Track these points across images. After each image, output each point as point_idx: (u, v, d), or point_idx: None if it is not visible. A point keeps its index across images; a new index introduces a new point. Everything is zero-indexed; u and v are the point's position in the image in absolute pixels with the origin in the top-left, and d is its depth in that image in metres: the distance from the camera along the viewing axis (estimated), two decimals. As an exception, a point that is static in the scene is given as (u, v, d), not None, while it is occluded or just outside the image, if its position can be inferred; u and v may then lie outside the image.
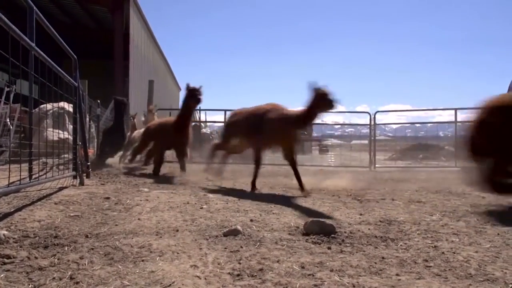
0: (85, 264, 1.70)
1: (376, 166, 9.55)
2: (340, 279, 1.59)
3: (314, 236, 2.27)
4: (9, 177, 2.92)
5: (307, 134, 20.78)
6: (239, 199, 3.65)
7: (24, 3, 3.13)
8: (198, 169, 6.52)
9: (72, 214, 2.75)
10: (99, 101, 9.36)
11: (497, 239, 2.28)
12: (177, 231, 2.35)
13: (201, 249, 1.99)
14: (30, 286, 1.49)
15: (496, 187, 3.41)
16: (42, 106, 7.12)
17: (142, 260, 1.78)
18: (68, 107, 7.63)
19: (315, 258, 1.86)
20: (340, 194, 4.24)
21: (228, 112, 9.94)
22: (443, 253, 1.98)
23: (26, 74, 3.25)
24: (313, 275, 1.62)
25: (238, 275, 1.62)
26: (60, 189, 3.89)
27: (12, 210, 2.72)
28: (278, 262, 1.79)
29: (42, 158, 5.49)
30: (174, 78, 29.30)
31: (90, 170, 5.07)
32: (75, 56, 4.54)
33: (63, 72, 4.01)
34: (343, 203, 3.59)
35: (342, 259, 1.86)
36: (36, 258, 1.77)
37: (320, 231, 2.32)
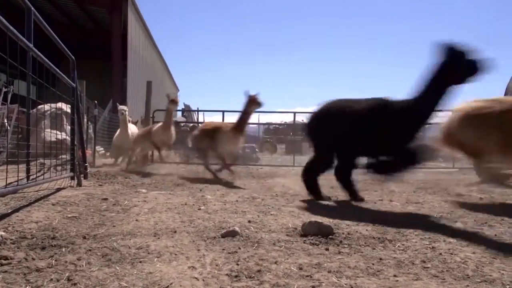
0: (82, 266, 1.70)
1: (374, 167, 9.54)
2: (338, 280, 1.59)
3: (312, 237, 2.27)
4: (6, 178, 2.91)
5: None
6: (237, 201, 3.65)
7: (22, 4, 3.13)
8: (196, 170, 6.51)
9: (69, 215, 2.74)
10: (96, 101, 9.35)
11: (494, 240, 2.29)
12: (175, 232, 2.35)
13: (199, 250, 1.99)
14: (28, 288, 1.49)
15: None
16: (40, 107, 7.11)
17: (140, 261, 1.78)
18: (66, 108, 7.62)
19: (313, 259, 1.87)
20: (338, 195, 4.24)
21: (226, 113, 9.96)
22: (440, 254, 1.98)
23: (24, 74, 3.25)
24: (311, 276, 1.62)
25: (236, 276, 1.62)
26: (58, 190, 3.89)
27: (9, 211, 2.71)
28: (276, 263, 1.79)
29: (40, 159, 5.48)
30: (172, 78, 29.29)
31: (88, 171, 5.05)
32: (73, 57, 4.53)
33: (61, 73, 4.00)
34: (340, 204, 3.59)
35: (340, 260, 1.86)
36: (33, 259, 1.77)
37: (318, 232, 2.32)
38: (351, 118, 3.52)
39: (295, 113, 11.97)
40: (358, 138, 3.50)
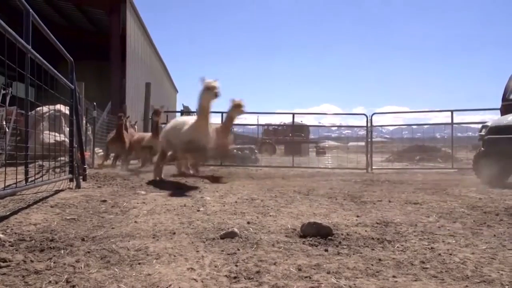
0: (81, 268, 1.70)
1: (373, 168, 9.57)
2: (337, 281, 1.59)
3: (311, 238, 2.27)
4: (5, 180, 2.91)
5: (304, 136, 20.86)
6: (236, 202, 3.65)
7: (20, 6, 3.13)
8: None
9: (68, 217, 2.74)
10: (95, 103, 9.34)
11: (493, 241, 2.29)
12: (174, 233, 2.35)
13: (198, 251, 1.98)
14: (26, 290, 1.48)
15: None
16: (38, 109, 7.10)
17: (139, 263, 1.77)
18: (65, 110, 7.61)
19: (312, 260, 1.87)
20: (337, 196, 4.24)
21: (225, 115, 9.96)
22: (439, 254, 1.98)
23: (23, 76, 3.24)
24: (310, 277, 1.62)
25: (235, 277, 1.62)
26: (57, 192, 3.88)
27: (8, 214, 2.71)
28: (275, 264, 1.79)
29: (39, 161, 5.47)
30: (171, 80, 29.30)
31: (87, 172, 5.05)
32: (72, 59, 4.53)
33: (60, 75, 4.00)
34: (340, 205, 3.60)
35: (339, 261, 1.86)
36: (32, 261, 1.76)
37: (317, 233, 2.32)
38: None
39: (293, 114, 11.97)
40: None
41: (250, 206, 3.43)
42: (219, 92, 4.94)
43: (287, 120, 19.25)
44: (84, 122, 8.11)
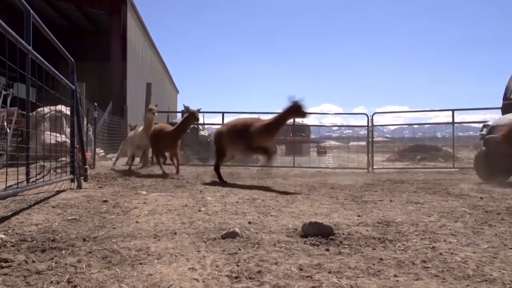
0: (82, 268, 1.70)
1: (374, 167, 9.56)
2: (338, 280, 1.59)
3: (312, 238, 2.27)
4: (6, 180, 2.92)
5: (305, 135, 20.86)
6: (237, 202, 3.65)
7: (21, 7, 3.13)
8: (196, 171, 6.51)
9: (69, 218, 2.74)
10: (96, 103, 9.35)
11: (494, 240, 2.28)
12: (175, 233, 2.35)
13: (199, 251, 1.99)
14: (28, 290, 1.48)
15: None
16: (39, 109, 7.11)
17: (140, 263, 1.78)
18: (66, 110, 7.62)
19: (313, 260, 1.86)
20: (338, 195, 4.24)
21: (226, 115, 9.97)
22: (441, 254, 1.98)
23: (23, 77, 3.25)
24: (311, 277, 1.62)
25: (236, 277, 1.62)
26: (58, 192, 3.88)
27: (9, 214, 2.71)
28: (276, 264, 1.79)
29: (40, 161, 5.48)
30: (171, 80, 29.32)
31: (88, 173, 5.05)
32: (72, 59, 4.53)
33: (60, 75, 4.00)
34: (341, 204, 3.60)
35: (340, 260, 1.86)
36: (33, 262, 1.77)
37: (318, 232, 2.32)
38: None
39: (294, 114, 11.93)
40: None
41: (251, 206, 3.43)
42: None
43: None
44: (85, 122, 8.12)
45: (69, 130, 5.27)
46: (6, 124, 7.15)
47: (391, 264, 1.82)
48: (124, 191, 4.29)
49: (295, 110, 5.40)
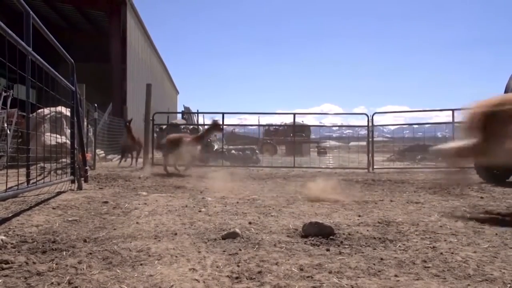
0: (83, 269, 1.70)
1: (374, 167, 9.56)
2: (339, 280, 1.59)
3: (313, 238, 2.27)
4: (6, 182, 2.92)
5: (305, 136, 20.85)
6: (237, 202, 3.65)
7: (20, 8, 3.13)
8: (196, 172, 6.52)
9: (70, 219, 2.74)
10: (96, 105, 9.35)
11: (495, 239, 2.28)
12: (175, 234, 2.35)
13: (199, 252, 1.99)
14: (28, 292, 1.48)
15: None
16: (39, 111, 7.11)
17: (141, 264, 1.78)
18: (66, 111, 7.62)
19: (313, 260, 1.86)
20: (338, 195, 4.23)
21: (226, 115, 9.96)
22: (441, 253, 1.98)
23: (23, 78, 3.25)
24: (311, 277, 1.62)
25: (237, 278, 1.62)
26: (58, 193, 3.89)
27: (10, 215, 2.71)
28: (276, 264, 1.79)
29: (40, 162, 5.48)
30: (171, 81, 29.33)
31: (88, 174, 5.05)
32: (72, 60, 4.53)
33: (60, 77, 4.01)
34: (341, 204, 3.59)
35: (341, 260, 1.86)
36: (34, 263, 1.77)
37: (318, 233, 2.32)
38: None
39: (294, 114, 11.96)
40: None
41: (252, 206, 3.43)
42: None
43: (288, 120, 19.20)
44: (85, 123, 8.13)
45: (69, 131, 5.27)
46: (6, 125, 7.15)
47: (392, 264, 1.82)
48: (124, 192, 4.29)
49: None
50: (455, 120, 9.65)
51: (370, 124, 9.90)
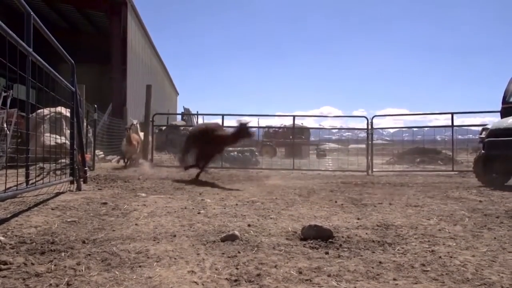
0: (82, 270, 1.70)
1: (374, 170, 9.56)
2: (338, 284, 1.59)
3: (312, 241, 2.27)
4: (5, 182, 2.92)
5: (304, 138, 20.84)
6: (236, 204, 3.65)
7: (21, 9, 3.13)
8: (195, 173, 6.51)
9: (69, 220, 2.74)
10: (96, 105, 9.35)
11: (494, 243, 2.29)
12: (174, 236, 2.35)
13: (198, 254, 1.98)
14: (27, 293, 1.48)
15: None
16: (39, 111, 7.11)
17: (140, 266, 1.77)
18: (66, 112, 7.62)
19: (312, 263, 1.86)
20: (337, 198, 4.24)
21: (226, 117, 9.97)
22: (440, 257, 1.98)
23: (23, 79, 3.25)
24: (310, 280, 1.62)
25: (236, 280, 1.62)
26: (57, 194, 3.88)
27: (8, 216, 2.71)
28: (275, 267, 1.79)
29: (39, 163, 5.47)
30: (171, 82, 29.33)
31: (87, 175, 5.05)
32: (72, 61, 4.53)
33: (60, 77, 4.01)
34: (340, 207, 3.60)
35: (340, 264, 1.86)
36: (32, 264, 1.77)
37: (317, 235, 2.32)
38: None
39: (294, 116, 11.96)
40: None
41: (251, 208, 3.43)
42: None
43: (287, 122, 19.21)
44: (85, 124, 8.13)
45: (68, 132, 5.26)
46: (5, 125, 7.15)
47: (390, 267, 1.82)
48: (123, 193, 4.29)
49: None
50: (454, 123, 9.67)
51: (370, 127, 9.91)
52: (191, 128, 7.29)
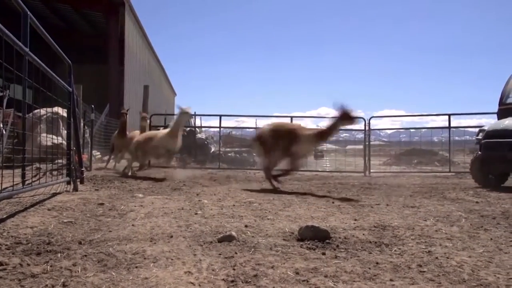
0: (78, 271, 1.69)
1: (371, 171, 9.58)
2: (334, 284, 1.59)
3: (309, 242, 2.27)
4: (1, 183, 2.89)
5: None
6: (233, 205, 3.65)
7: (18, 8, 3.12)
8: (193, 174, 6.51)
9: (65, 220, 2.73)
10: (93, 106, 9.33)
11: (490, 244, 2.29)
12: (171, 237, 2.34)
13: (195, 255, 1.98)
14: (22, 294, 1.48)
15: None
16: (36, 111, 7.08)
17: (136, 267, 1.77)
18: (62, 112, 7.60)
19: (309, 263, 1.86)
20: (334, 199, 4.24)
21: (224, 118, 9.96)
22: (436, 258, 1.98)
23: (20, 79, 3.24)
24: (307, 281, 1.62)
25: (233, 281, 1.61)
26: (54, 195, 3.86)
27: (4, 217, 2.69)
28: (272, 268, 1.79)
29: (36, 163, 5.45)
30: (169, 83, 29.29)
31: (84, 175, 5.03)
32: (70, 61, 4.52)
33: (57, 77, 3.99)
34: (337, 208, 3.60)
35: (337, 264, 1.86)
36: (28, 265, 1.76)
37: (314, 236, 2.32)
38: None
39: (291, 117, 11.96)
40: None
41: (248, 209, 3.43)
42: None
43: (285, 123, 19.18)
44: (82, 124, 8.10)
45: (65, 132, 5.25)
46: (2, 125, 7.12)
47: (387, 268, 1.82)
48: (120, 194, 4.27)
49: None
50: (451, 124, 9.72)
51: (367, 128, 9.93)
52: (261, 131, 5.88)
